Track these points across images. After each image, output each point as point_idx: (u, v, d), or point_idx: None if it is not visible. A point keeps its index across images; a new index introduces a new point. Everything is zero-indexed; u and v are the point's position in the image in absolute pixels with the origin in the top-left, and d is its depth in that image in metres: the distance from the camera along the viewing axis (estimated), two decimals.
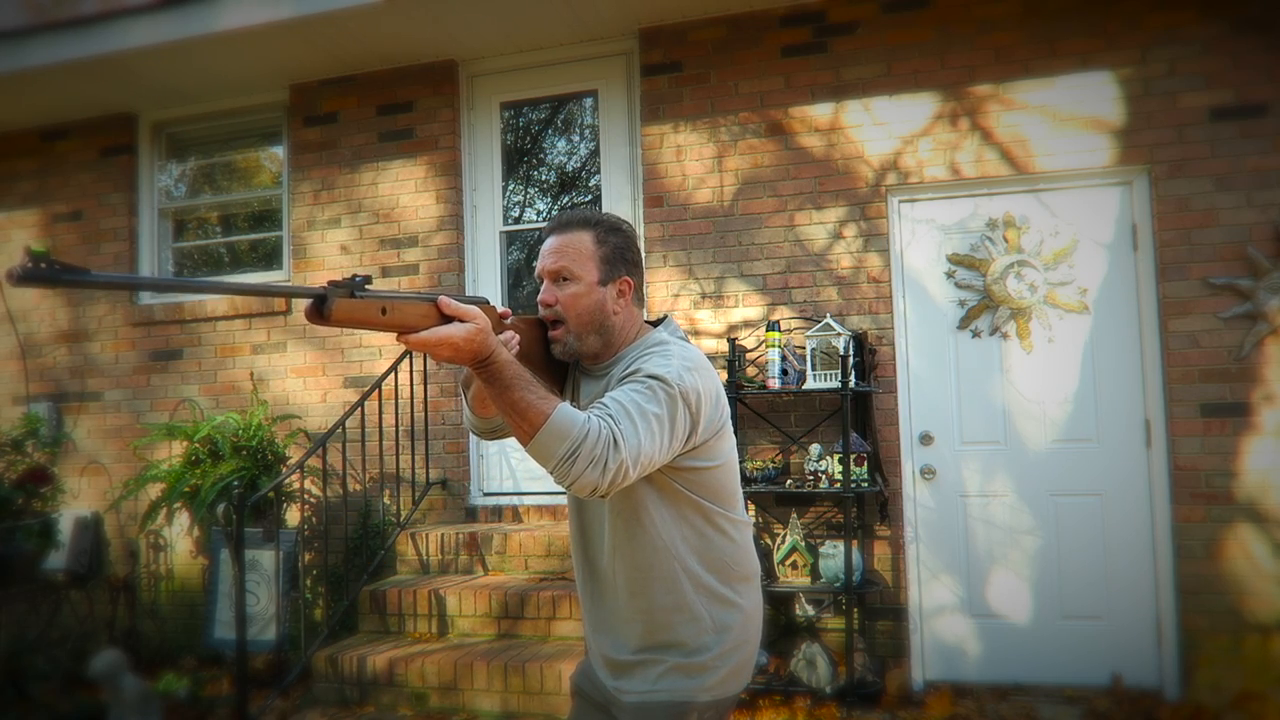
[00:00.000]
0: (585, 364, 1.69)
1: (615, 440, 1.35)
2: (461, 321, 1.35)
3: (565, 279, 1.60)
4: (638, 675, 1.60)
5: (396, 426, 4.34)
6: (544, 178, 4.92)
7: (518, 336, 1.56)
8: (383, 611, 3.95)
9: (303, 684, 3.79)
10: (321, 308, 1.26)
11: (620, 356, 1.64)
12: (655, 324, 1.72)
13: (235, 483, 4.12)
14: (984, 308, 3.95)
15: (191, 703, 3.85)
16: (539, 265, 1.65)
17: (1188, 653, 3.62)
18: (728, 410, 1.63)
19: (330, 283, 1.27)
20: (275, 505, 4.30)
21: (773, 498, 4.03)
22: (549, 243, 1.63)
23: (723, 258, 4.22)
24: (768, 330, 3.90)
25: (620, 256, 1.63)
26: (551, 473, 1.36)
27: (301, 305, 1.29)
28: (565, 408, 1.36)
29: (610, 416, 1.39)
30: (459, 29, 4.36)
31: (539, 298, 1.64)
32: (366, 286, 1.31)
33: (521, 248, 4.82)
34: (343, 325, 1.28)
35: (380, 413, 4.22)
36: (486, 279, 4.70)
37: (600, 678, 1.69)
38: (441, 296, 1.37)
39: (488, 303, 1.51)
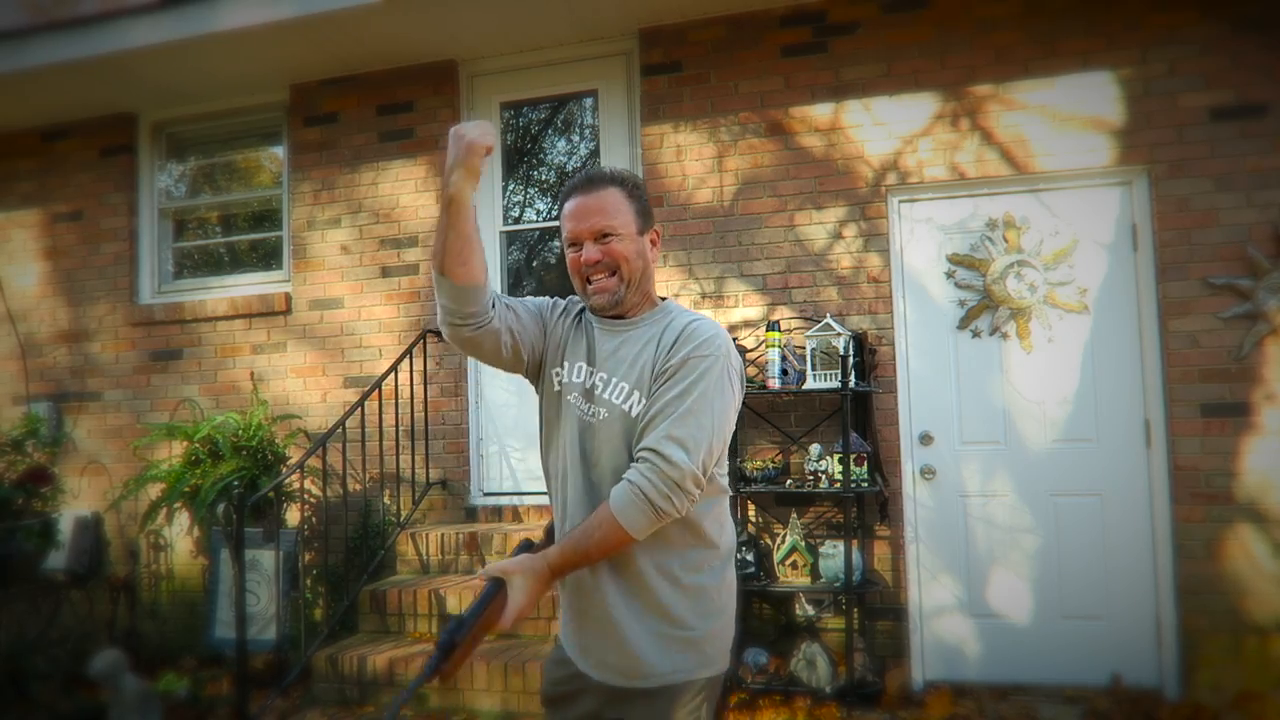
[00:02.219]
0: (607, 316, 1.68)
1: (663, 470, 1.47)
2: (510, 579, 1.47)
3: (607, 235, 1.61)
4: (641, 659, 1.58)
5: (396, 426, 4.35)
6: (544, 178, 4.92)
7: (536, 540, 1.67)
8: (383, 611, 3.95)
9: (303, 684, 3.79)
10: (437, 673, 1.40)
11: (654, 315, 1.67)
12: None
13: (235, 483, 4.13)
14: (984, 308, 3.96)
15: (191, 703, 3.85)
16: (571, 228, 1.63)
17: (1188, 653, 3.62)
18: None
19: (432, 655, 1.39)
20: (275, 505, 4.31)
21: (773, 498, 4.03)
22: (579, 203, 1.63)
23: (723, 258, 4.22)
24: (768, 330, 3.90)
25: (647, 209, 1.69)
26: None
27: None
28: (616, 504, 1.48)
29: (652, 452, 1.48)
30: (459, 29, 4.36)
31: (584, 257, 1.62)
32: (459, 631, 1.42)
33: (521, 248, 4.82)
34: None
35: (380, 413, 4.22)
36: None
37: (584, 669, 1.66)
38: (481, 572, 1.51)
39: (532, 547, 1.61)
